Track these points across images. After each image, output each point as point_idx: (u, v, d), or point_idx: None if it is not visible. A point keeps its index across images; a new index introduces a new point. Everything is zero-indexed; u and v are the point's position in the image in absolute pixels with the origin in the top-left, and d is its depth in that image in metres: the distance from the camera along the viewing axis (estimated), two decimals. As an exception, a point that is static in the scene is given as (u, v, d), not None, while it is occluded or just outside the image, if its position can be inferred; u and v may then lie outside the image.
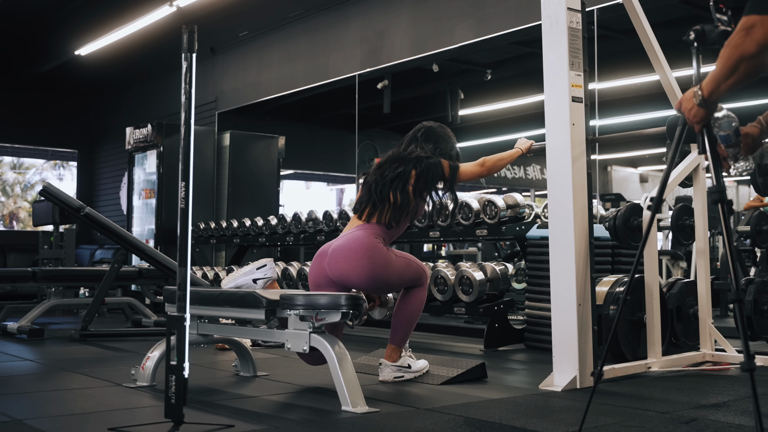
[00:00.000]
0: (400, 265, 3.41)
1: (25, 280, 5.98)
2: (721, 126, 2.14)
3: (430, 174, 3.49)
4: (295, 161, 11.55)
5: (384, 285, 3.42)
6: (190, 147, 2.48)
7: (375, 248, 3.36)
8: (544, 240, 4.57)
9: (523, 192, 13.05)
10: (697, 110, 2.10)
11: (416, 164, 3.50)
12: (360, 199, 3.57)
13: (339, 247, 3.40)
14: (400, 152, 3.60)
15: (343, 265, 3.36)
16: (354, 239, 3.40)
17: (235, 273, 3.62)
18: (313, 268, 3.50)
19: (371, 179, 3.55)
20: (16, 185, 22.45)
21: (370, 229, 3.44)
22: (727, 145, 2.17)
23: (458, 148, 3.74)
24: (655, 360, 3.71)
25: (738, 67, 1.93)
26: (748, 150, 2.21)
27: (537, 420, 2.64)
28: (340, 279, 3.39)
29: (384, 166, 3.56)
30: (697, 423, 2.57)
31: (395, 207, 3.46)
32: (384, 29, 7.39)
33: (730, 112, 2.16)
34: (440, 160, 3.54)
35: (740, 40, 1.90)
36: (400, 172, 3.49)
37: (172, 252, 6.62)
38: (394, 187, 3.47)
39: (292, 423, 2.63)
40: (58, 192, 5.49)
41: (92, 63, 9.96)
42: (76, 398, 3.14)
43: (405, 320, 3.47)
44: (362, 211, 3.51)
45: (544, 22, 3.45)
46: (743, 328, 2.04)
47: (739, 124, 2.18)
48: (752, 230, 4.80)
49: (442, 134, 3.68)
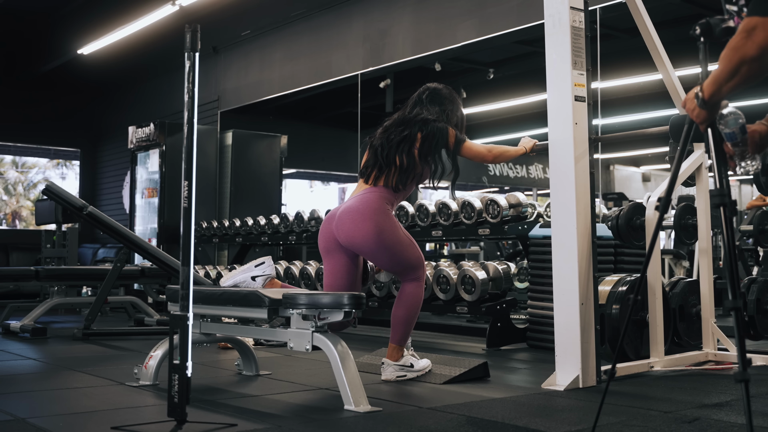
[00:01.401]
0: (405, 240, 3.43)
1: (28, 279, 5.99)
2: (727, 123, 2.09)
3: (435, 139, 3.47)
4: (297, 160, 11.55)
5: (388, 250, 3.38)
6: (192, 146, 2.48)
7: (383, 211, 3.38)
8: (546, 239, 4.57)
9: (526, 191, 13.05)
10: (699, 111, 2.08)
11: (422, 127, 3.48)
12: (366, 163, 3.56)
13: (347, 209, 3.42)
14: (405, 115, 3.57)
15: (350, 226, 3.37)
16: (362, 201, 3.41)
17: (233, 271, 3.63)
18: (322, 233, 3.52)
19: (377, 143, 3.54)
20: (19, 184, 22.48)
21: (377, 192, 3.45)
22: (733, 144, 2.12)
23: (464, 112, 3.70)
24: (658, 359, 3.71)
25: (739, 70, 1.90)
26: (755, 148, 2.16)
27: (539, 419, 2.64)
28: (347, 241, 3.40)
29: (389, 129, 3.54)
30: (700, 422, 2.57)
31: (401, 170, 3.46)
32: (386, 28, 7.38)
33: (737, 109, 2.12)
34: (448, 128, 3.51)
35: (741, 42, 1.87)
36: (406, 135, 3.47)
37: (175, 251, 6.61)
38: (400, 150, 3.46)
39: (294, 422, 2.63)
40: (61, 191, 5.49)
41: (95, 62, 9.97)
42: (79, 397, 3.15)
43: (403, 318, 3.46)
44: (368, 175, 3.51)
45: (547, 21, 3.44)
46: (740, 337, 2.00)
47: (746, 122, 2.14)
48: (755, 229, 4.80)
49: (448, 96, 3.65)
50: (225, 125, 9.37)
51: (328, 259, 3.54)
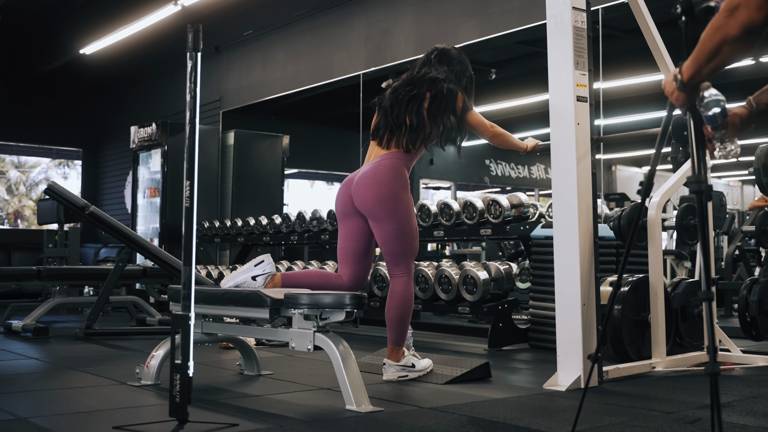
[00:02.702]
0: (413, 222, 3.45)
1: (29, 279, 5.99)
2: (707, 106, 2.00)
3: (444, 100, 3.47)
4: (299, 160, 11.55)
5: (397, 220, 3.39)
6: (194, 146, 2.48)
7: (401, 180, 3.42)
8: (548, 239, 4.57)
9: (528, 191, 13.06)
10: (678, 94, 2.00)
11: (431, 86, 3.48)
12: (377, 125, 3.57)
13: (365, 174, 3.46)
14: (413, 75, 3.57)
15: (366, 191, 3.40)
16: (380, 167, 3.43)
17: (233, 272, 3.62)
18: (339, 196, 3.55)
19: (387, 103, 3.55)
20: (21, 184, 22.50)
21: (393, 158, 3.46)
22: (714, 127, 2.03)
23: (472, 72, 3.69)
24: (660, 360, 3.71)
25: (720, 50, 1.82)
26: (735, 132, 2.06)
27: (541, 420, 2.64)
28: (362, 204, 3.43)
29: (398, 90, 3.55)
30: (702, 423, 2.57)
31: (411, 129, 3.47)
32: (388, 28, 7.38)
33: (718, 91, 2.03)
34: (457, 91, 3.50)
35: (722, 21, 1.78)
36: (415, 94, 3.48)
37: (177, 251, 6.61)
38: (410, 109, 3.47)
39: (296, 422, 2.63)
40: (63, 191, 5.50)
41: (97, 62, 9.98)
42: (81, 396, 3.15)
43: (397, 318, 3.46)
44: (381, 138, 3.53)
45: (549, 22, 3.44)
46: (711, 329, 1.92)
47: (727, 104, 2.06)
48: (757, 230, 4.79)
49: (457, 56, 3.64)
50: (227, 125, 9.37)
51: (343, 222, 3.57)
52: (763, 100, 2.08)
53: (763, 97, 2.08)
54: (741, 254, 6.74)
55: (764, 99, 2.08)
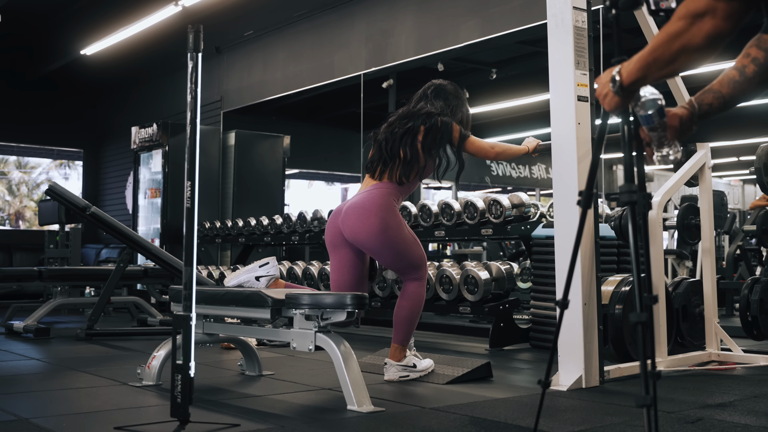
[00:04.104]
0: (410, 238, 3.44)
1: (31, 280, 6.00)
2: (643, 105, 1.84)
3: (439, 132, 3.48)
4: (300, 160, 11.56)
5: (392, 247, 3.40)
6: (195, 146, 2.48)
7: (388, 207, 3.39)
8: (549, 239, 4.56)
9: (529, 191, 13.05)
10: (612, 97, 1.79)
11: (425, 120, 3.49)
12: (372, 158, 3.57)
13: (353, 205, 3.43)
14: (410, 109, 3.59)
15: (355, 222, 3.38)
16: (368, 198, 3.42)
17: (237, 271, 3.63)
18: (329, 228, 3.53)
19: (382, 137, 3.56)
20: (22, 184, 22.51)
21: (383, 188, 3.45)
22: (650, 128, 1.86)
23: (468, 109, 3.71)
24: (661, 359, 3.71)
25: (677, 59, 1.64)
26: (675, 134, 1.89)
27: (542, 419, 2.64)
28: (352, 237, 3.41)
29: (394, 124, 3.56)
30: (703, 423, 2.57)
31: (405, 162, 3.47)
32: (389, 28, 7.38)
33: (656, 92, 1.86)
34: (452, 122, 3.52)
35: (683, 27, 1.59)
36: (410, 127, 3.49)
37: (178, 251, 6.63)
38: (404, 142, 3.47)
39: (297, 422, 2.63)
40: (64, 191, 5.50)
41: (98, 62, 9.98)
42: (82, 397, 3.15)
43: (405, 318, 3.46)
44: (374, 170, 3.52)
45: (550, 21, 3.44)
46: (644, 357, 1.72)
47: (665, 105, 1.89)
48: (758, 229, 4.79)
49: (452, 91, 3.66)
50: (228, 125, 9.37)
51: (334, 254, 3.55)
52: (705, 101, 1.92)
53: (706, 97, 1.92)
54: (742, 253, 6.74)
55: (707, 100, 1.91)
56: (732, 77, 1.89)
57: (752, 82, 1.87)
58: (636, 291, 1.77)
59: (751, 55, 1.87)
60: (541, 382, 2.09)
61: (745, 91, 1.88)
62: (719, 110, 1.92)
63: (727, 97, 1.89)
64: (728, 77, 1.89)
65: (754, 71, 1.86)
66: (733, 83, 1.88)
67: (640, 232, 1.83)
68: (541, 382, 2.09)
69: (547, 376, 2.11)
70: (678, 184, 3.99)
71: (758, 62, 1.86)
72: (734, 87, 1.88)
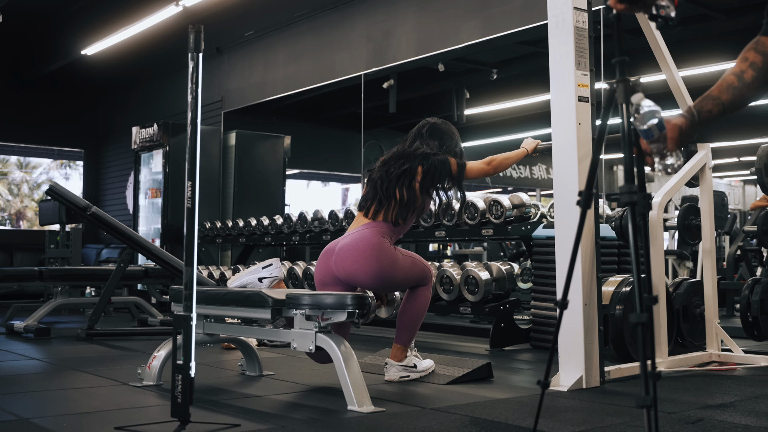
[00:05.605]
0: (406, 264, 3.41)
1: (31, 280, 6.00)
2: (642, 118, 1.85)
3: (438, 171, 3.48)
4: (300, 161, 11.56)
5: (390, 284, 3.41)
6: (196, 146, 2.48)
7: (382, 247, 3.36)
8: (549, 240, 4.56)
9: (529, 191, 13.05)
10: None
11: (423, 161, 3.49)
12: (365, 197, 3.56)
13: (346, 246, 3.40)
14: (405, 149, 3.58)
15: (350, 263, 3.35)
16: (361, 238, 3.39)
17: (241, 272, 3.63)
18: (319, 267, 3.49)
19: (376, 176, 3.54)
20: (23, 184, 22.53)
21: (376, 227, 3.43)
22: (650, 141, 1.87)
23: (462, 146, 3.73)
24: (662, 360, 3.71)
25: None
26: (675, 144, 1.89)
27: (543, 420, 2.64)
28: (346, 278, 3.39)
29: (389, 163, 3.55)
30: (704, 423, 2.57)
31: (402, 204, 3.45)
32: (390, 29, 7.38)
33: (654, 104, 1.88)
34: (448, 157, 3.53)
35: None
36: (406, 168, 3.48)
37: (178, 251, 6.62)
38: (401, 184, 3.46)
39: (298, 422, 2.63)
40: (65, 191, 5.50)
41: (98, 62, 9.99)
42: (83, 397, 3.15)
43: (411, 320, 3.47)
44: (368, 209, 3.50)
45: (551, 22, 3.44)
46: (643, 354, 1.74)
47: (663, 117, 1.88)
48: (759, 230, 4.79)
49: (447, 131, 3.67)
50: (228, 126, 9.38)
51: (324, 290, 3.51)
52: (705, 108, 1.91)
53: (705, 104, 1.91)
54: (743, 254, 6.74)
55: (706, 107, 1.91)
56: (731, 83, 1.87)
57: (751, 87, 1.86)
58: (636, 291, 1.78)
59: (749, 59, 1.86)
60: (540, 383, 2.09)
61: (744, 96, 1.88)
62: (719, 116, 1.92)
63: (727, 104, 1.89)
64: (727, 83, 1.88)
65: (752, 76, 1.85)
66: (732, 89, 1.87)
67: (640, 232, 1.84)
68: (540, 383, 2.09)
69: (547, 376, 2.11)
70: (678, 184, 3.99)
71: (756, 66, 1.84)
72: (733, 93, 1.88)
